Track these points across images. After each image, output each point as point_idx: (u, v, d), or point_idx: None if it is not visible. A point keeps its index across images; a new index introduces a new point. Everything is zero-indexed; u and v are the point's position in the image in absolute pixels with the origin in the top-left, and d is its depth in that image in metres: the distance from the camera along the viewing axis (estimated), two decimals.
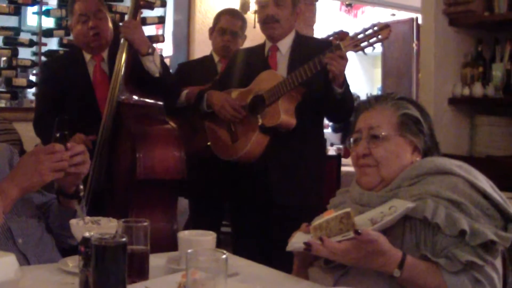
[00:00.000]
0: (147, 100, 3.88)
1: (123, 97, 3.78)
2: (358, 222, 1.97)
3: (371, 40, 3.40)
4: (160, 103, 3.93)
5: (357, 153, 2.25)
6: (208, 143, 4.05)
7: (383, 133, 2.19)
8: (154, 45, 6.79)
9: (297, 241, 2.09)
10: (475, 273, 1.89)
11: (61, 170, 2.29)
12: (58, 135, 2.35)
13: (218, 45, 4.76)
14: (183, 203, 4.72)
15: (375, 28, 3.39)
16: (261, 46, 3.99)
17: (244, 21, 4.85)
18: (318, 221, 2.01)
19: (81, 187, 2.43)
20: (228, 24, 4.74)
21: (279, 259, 2.34)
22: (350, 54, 3.51)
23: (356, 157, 2.26)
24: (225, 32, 4.72)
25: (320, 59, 3.45)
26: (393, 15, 11.99)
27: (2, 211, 2.21)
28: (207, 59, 4.81)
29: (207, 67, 4.67)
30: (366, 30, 3.41)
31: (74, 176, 2.39)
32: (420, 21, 5.95)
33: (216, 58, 4.75)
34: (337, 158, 5.73)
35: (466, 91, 5.16)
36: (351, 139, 2.31)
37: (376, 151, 2.19)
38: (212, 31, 4.85)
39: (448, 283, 1.88)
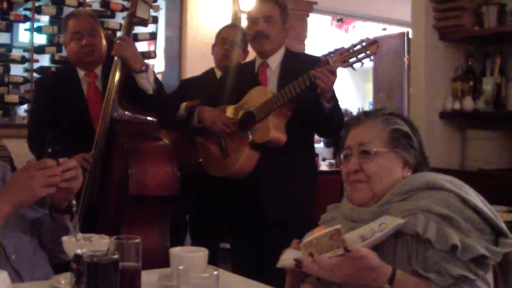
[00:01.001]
0: (140, 116, 3.88)
1: (116, 114, 3.78)
2: (349, 239, 1.97)
3: (359, 56, 3.42)
4: (153, 119, 3.93)
5: (348, 169, 2.25)
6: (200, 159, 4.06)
7: (374, 149, 2.19)
8: (146, 61, 6.82)
9: (287, 257, 2.09)
10: (466, 287, 1.89)
11: (53, 185, 2.28)
12: (50, 150, 2.35)
13: (218, 55, 4.77)
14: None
15: (363, 43, 3.41)
16: (252, 62, 4.01)
17: (244, 34, 4.88)
18: (308, 238, 2.01)
19: (74, 202, 2.43)
20: (228, 34, 4.78)
21: (274, 274, 2.34)
22: (341, 69, 3.52)
23: (346, 173, 2.26)
24: (226, 41, 4.74)
25: (309, 75, 3.46)
26: (384, 29, 12.03)
27: None
28: (209, 75, 4.81)
29: (209, 83, 4.67)
30: (354, 45, 3.43)
31: (67, 191, 2.38)
32: (411, 35, 5.97)
33: (218, 73, 4.74)
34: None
35: (457, 105, 5.19)
36: (341, 155, 2.31)
37: (368, 166, 2.19)
38: (214, 45, 4.86)
39: None
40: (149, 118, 3.91)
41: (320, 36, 12.21)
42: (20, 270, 2.37)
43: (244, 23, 6.98)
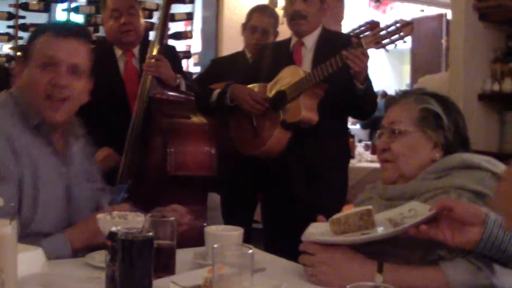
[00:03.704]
0: (179, 95, 3.87)
1: (154, 92, 3.77)
2: (377, 221, 1.95)
3: (393, 37, 3.36)
4: (192, 98, 3.92)
5: (378, 148, 2.26)
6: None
7: (401, 128, 2.19)
8: (183, 41, 6.83)
9: (313, 231, 2.09)
10: (472, 259, 1.85)
11: None
12: (126, 196, 2.47)
13: (249, 42, 4.75)
14: (216, 198, 4.71)
15: (398, 25, 3.35)
16: (287, 41, 3.98)
17: (276, 18, 4.82)
18: (337, 215, 2.00)
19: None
20: (259, 22, 4.72)
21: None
22: (379, 50, 3.48)
23: (377, 152, 2.27)
24: (256, 30, 4.70)
25: (341, 56, 3.41)
26: (422, 11, 11.92)
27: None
28: (240, 55, 4.79)
29: (239, 63, 4.65)
30: (388, 27, 3.37)
31: None
32: (449, 17, 5.90)
33: (248, 54, 4.73)
34: None
35: (496, 87, 5.12)
36: (377, 134, 2.31)
37: (394, 146, 2.20)
38: (244, 27, 4.83)
39: (446, 272, 1.85)
40: (187, 97, 3.90)
41: (357, 17, 12.12)
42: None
43: (281, 3, 6.96)
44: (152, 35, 3.97)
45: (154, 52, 3.80)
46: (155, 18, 5.45)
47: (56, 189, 2.42)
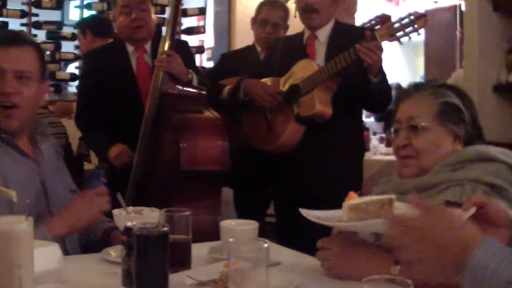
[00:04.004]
0: (191, 90, 3.87)
1: (166, 87, 3.77)
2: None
3: (407, 30, 3.34)
4: (204, 93, 3.92)
5: (397, 144, 2.23)
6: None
7: (422, 124, 2.17)
8: (196, 36, 6.84)
9: (322, 215, 2.05)
10: None
11: (106, 210, 2.41)
12: (106, 181, 2.51)
13: (259, 36, 4.73)
14: (228, 193, 4.71)
15: (411, 17, 3.32)
16: (300, 35, 3.95)
17: (286, 11, 4.80)
18: (356, 200, 1.93)
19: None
20: (269, 16, 4.70)
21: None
22: (392, 43, 3.46)
23: (396, 148, 2.25)
24: (267, 24, 4.68)
25: (355, 49, 3.39)
26: (436, 2, 11.84)
27: None
28: (250, 49, 4.78)
29: (250, 57, 4.64)
30: (402, 19, 3.34)
31: None
32: (463, 8, 5.86)
33: (258, 48, 4.72)
34: None
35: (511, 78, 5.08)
36: (392, 129, 2.29)
37: (416, 142, 2.17)
38: (254, 21, 4.82)
39: None
40: (200, 92, 3.90)
41: (370, 10, 12.08)
42: None
43: None
44: (164, 30, 3.96)
45: (166, 48, 3.80)
46: (168, 13, 5.46)
47: (31, 185, 2.47)
